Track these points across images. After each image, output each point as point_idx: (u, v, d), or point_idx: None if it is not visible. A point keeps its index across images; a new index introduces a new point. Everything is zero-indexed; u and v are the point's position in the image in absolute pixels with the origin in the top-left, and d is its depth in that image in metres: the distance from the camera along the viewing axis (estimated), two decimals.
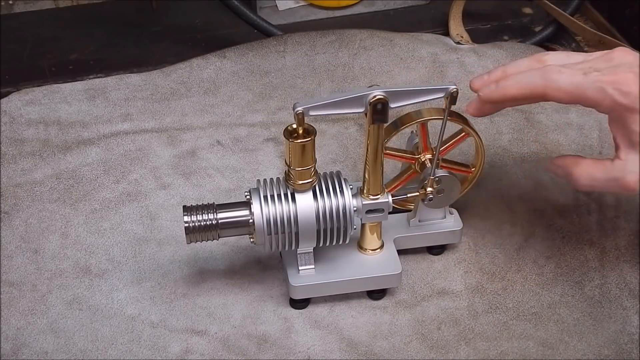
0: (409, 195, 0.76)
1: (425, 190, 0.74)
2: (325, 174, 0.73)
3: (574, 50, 1.06)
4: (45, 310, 0.76)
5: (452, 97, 0.68)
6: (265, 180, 0.73)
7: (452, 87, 0.68)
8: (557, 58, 0.70)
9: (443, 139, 0.73)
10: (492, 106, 0.71)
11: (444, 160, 0.77)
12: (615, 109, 0.66)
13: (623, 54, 0.69)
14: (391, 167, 0.81)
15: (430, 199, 0.75)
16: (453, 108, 0.70)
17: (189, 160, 0.90)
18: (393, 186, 0.77)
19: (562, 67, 0.68)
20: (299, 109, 0.66)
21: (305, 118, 0.67)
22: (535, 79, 0.68)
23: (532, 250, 0.81)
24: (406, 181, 0.78)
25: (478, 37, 1.08)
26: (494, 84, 0.70)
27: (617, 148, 0.68)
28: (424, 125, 0.75)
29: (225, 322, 0.75)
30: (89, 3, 1.16)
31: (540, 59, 0.70)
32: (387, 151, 0.75)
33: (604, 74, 0.67)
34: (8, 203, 0.85)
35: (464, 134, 0.76)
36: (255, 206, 0.71)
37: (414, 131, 0.78)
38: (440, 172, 0.74)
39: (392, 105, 0.68)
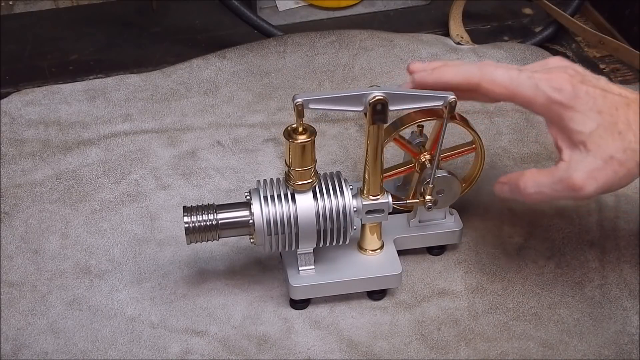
0: (408, 202, 0.76)
1: (424, 198, 0.74)
2: (325, 174, 0.73)
3: (573, 51, 1.07)
4: (46, 311, 0.76)
5: (451, 107, 0.69)
6: (265, 180, 0.73)
7: (451, 97, 0.68)
8: (496, 63, 0.71)
9: (452, 146, 0.73)
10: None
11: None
12: (549, 107, 0.67)
13: (558, 60, 0.70)
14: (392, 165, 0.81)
15: (430, 208, 0.75)
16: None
17: (189, 160, 0.90)
18: (389, 174, 0.77)
19: (499, 64, 0.69)
20: (299, 100, 0.66)
21: (305, 114, 0.67)
22: (471, 69, 0.69)
23: (532, 251, 0.81)
24: (402, 174, 0.78)
25: (478, 37, 1.08)
26: (430, 70, 0.70)
27: (559, 151, 0.68)
28: (397, 139, 0.75)
29: (225, 323, 0.75)
30: (89, 3, 1.16)
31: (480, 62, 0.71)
32: (398, 138, 0.75)
33: (538, 72, 0.68)
34: (8, 203, 0.85)
35: (473, 146, 0.76)
36: (255, 207, 0.71)
37: (414, 131, 0.78)
38: (440, 173, 0.74)
39: (390, 108, 0.68)
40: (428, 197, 0.74)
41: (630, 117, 0.65)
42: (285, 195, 0.71)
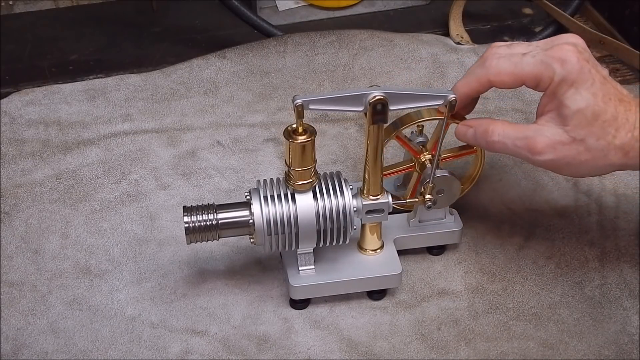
0: (408, 201, 0.76)
1: (424, 197, 0.74)
2: (325, 174, 0.73)
3: None
4: (46, 311, 0.76)
5: (451, 106, 0.69)
6: (265, 180, 0.73)
7: (452, 96, 0.69)
8: (500, 50, 0.71)
9: (452, 147, 0.73)
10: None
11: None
12: (552, 78, 0.67)
13: (570, 36, 0.70)
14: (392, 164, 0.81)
15: (429, 207, 0.75)
16: None
17: (189, 160, 0.90)
18: (389, 172, 0.77)
19: (501, 54, 0.69)
20: (299, 101, 0.66)
21: (305, 114, 0.67)
22: (477, 71, 0.70)
23: (532, 251, 0.81)
24: (402, 172, 0.78)
25: (478, 37, 1.08)
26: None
27: (538, 116, 0.69)
28: (398, 136, 0.75)
29: (225, 323, 0.75)
30: (89, 3, 1.16)
31: (483, 55, 0.71)
32: (400, 136, 0.75)
33: (544, 49, 0.68)
34: (8, 203, 0.85)
35: (474, 148, 0.76)
36: (255, 206, 0.71)
37: (414, 131, 0.78)
38: (440, 173, 0.74)
39: (391, 108, 0.68)
40: (428, 195, 0.74)
41: (618, 113, 0.66)
42: (285, 195, 0.71)
